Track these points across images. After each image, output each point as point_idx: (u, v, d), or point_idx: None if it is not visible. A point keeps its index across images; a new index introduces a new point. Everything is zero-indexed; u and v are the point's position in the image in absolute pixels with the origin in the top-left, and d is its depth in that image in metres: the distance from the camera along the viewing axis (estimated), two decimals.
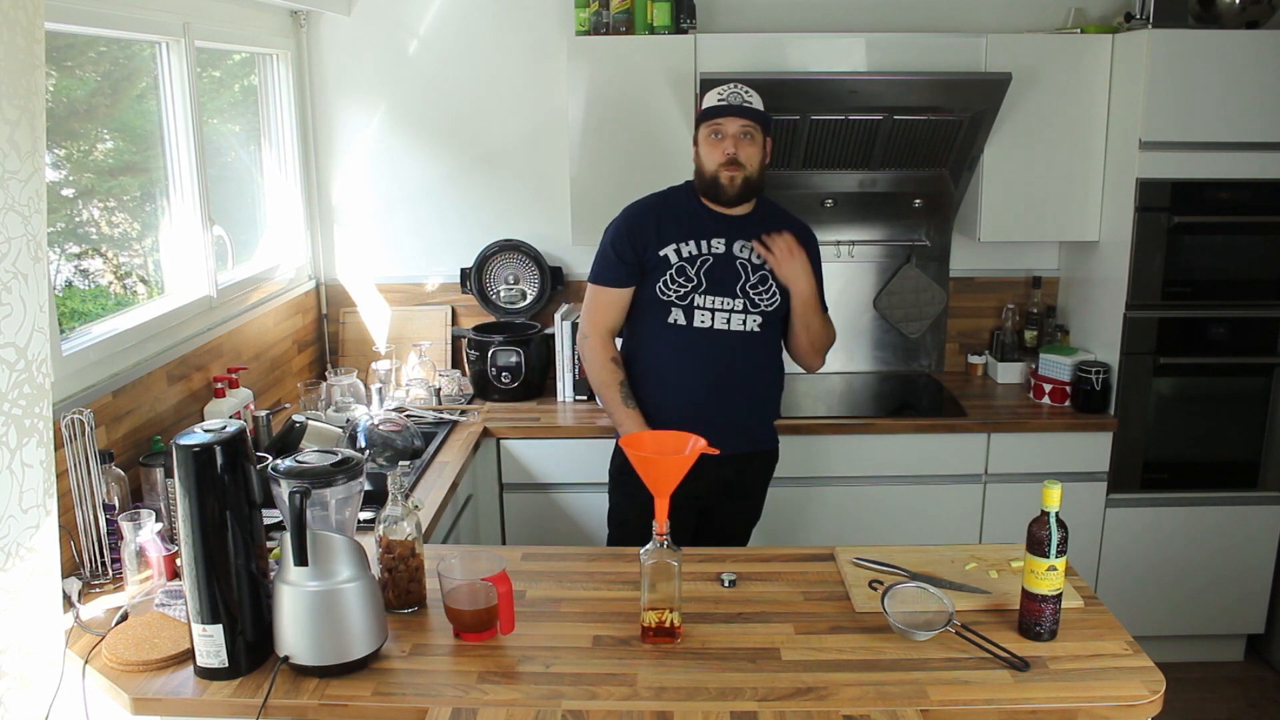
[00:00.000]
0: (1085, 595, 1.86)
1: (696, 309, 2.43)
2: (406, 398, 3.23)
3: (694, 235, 2.44)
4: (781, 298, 2.47)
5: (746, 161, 2.39)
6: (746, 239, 2.45)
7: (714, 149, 2.40)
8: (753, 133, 2.40)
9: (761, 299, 2.46)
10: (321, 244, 3.55)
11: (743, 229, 2.46)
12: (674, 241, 2.44)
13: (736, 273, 2.44)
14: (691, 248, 2.43)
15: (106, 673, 1.66)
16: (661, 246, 2.44)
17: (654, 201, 2.54)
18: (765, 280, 2.46)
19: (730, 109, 2.38)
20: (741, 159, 2.38)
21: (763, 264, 2.44)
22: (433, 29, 3.38)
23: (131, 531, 1.97)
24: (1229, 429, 3.16)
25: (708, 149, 2.42)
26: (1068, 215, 3.23)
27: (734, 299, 2.44)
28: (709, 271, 2.43)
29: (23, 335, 1.60)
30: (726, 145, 2.38)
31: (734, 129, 2.38)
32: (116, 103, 2.61)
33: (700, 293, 2.42)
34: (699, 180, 2.47)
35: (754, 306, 2.45)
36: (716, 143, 2.39)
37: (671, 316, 2.44)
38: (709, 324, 2.43)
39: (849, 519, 3.14)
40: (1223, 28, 2.95)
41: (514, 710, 1.54)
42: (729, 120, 2.38)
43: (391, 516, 1.79)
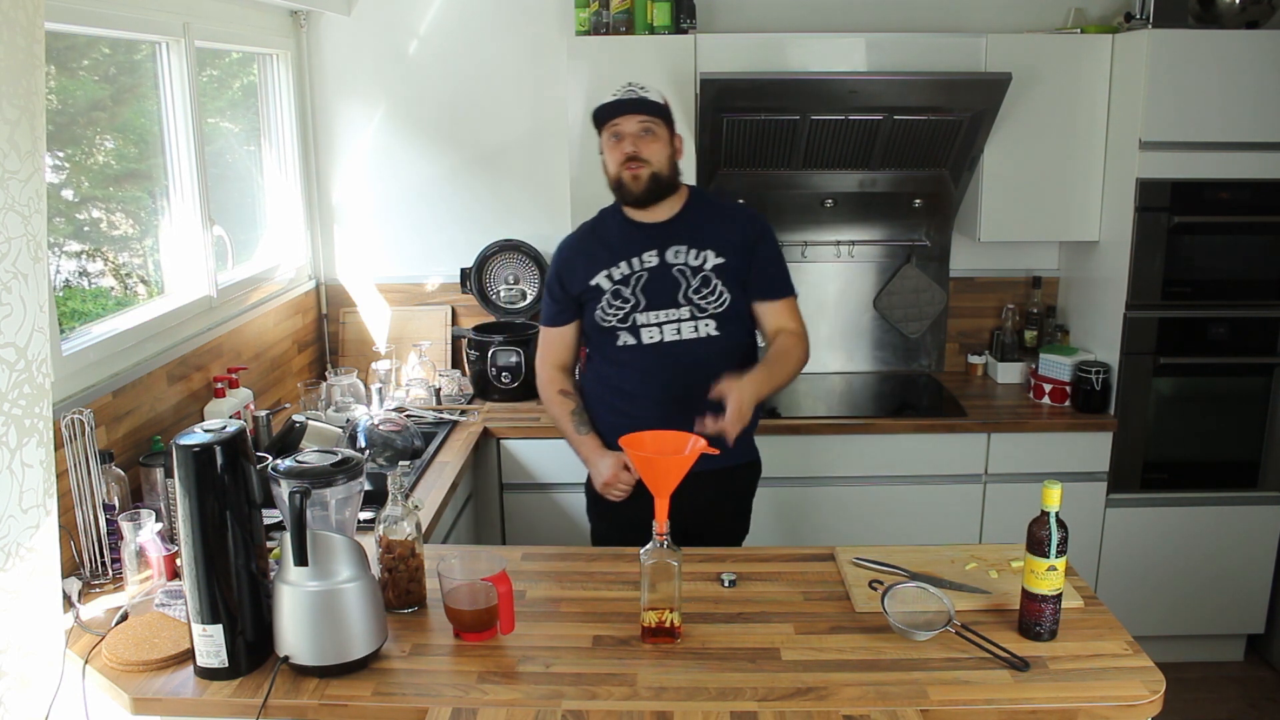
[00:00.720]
0: (1085, 595, 1.86)
1: (642, 327, 2.32)
2: (406, 398, 3.23)
3: (624, 255, 2.33)
4: (730, 295, 2.32)
5: (650, 158, 2.26)
6: (680, 243, 2.32)
7: (614, 151, 2.28)
8: (654, 128, 2.26)
9: (708, 302, 2.32)
10: (321, 244, 3.55)
11: (674, 234, 2.34)
12: (604, 268, 2.34)
13: (675, 280, 2.32)
14: (623, 268, 2.33)
15: (106, 673, 1.66)
16: (591, 276, 2.34)
17: (582, 233, 2.46)
18: (708, 282, 2.32)
19: (624, 104, 2.25)
20: (644, 155, 2.25)
21: (702, 264, 2.31)
22: (432, 29, 3.38)
23: (131, 531, 1.97)
24: (1229, 429, 3.16)
25: (609, 152, 2.30)
26: (1068, 215, 3.23)
27: (678, 308, 2.31)
28: (645, 287, 2.31)
29: (23, 335, 1.60)
30: (625, 145, 2.25)
31: (633, 127, 2.25)
32: (118, 107, 2.60)
33: (640, 310, 2.32)
34: (611, 188, 2.35)
35: (701, 311, 2.32)
36: (616, 145, 2.28)
37: (620, 339, 2.34)
38: (659, 338, 2.32)
39: (849, 519, 3.14)
40: (1223, 28, 2.95)
41: (514, 710, 1.54)
42: (626, 119, 2.25)
43: (391, 516, 1.79)
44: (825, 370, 3.60)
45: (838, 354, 3.61)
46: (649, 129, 2.26)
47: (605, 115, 2.28)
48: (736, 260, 2.33)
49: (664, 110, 2.30)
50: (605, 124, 2.29)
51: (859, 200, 3.42)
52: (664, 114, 2.29)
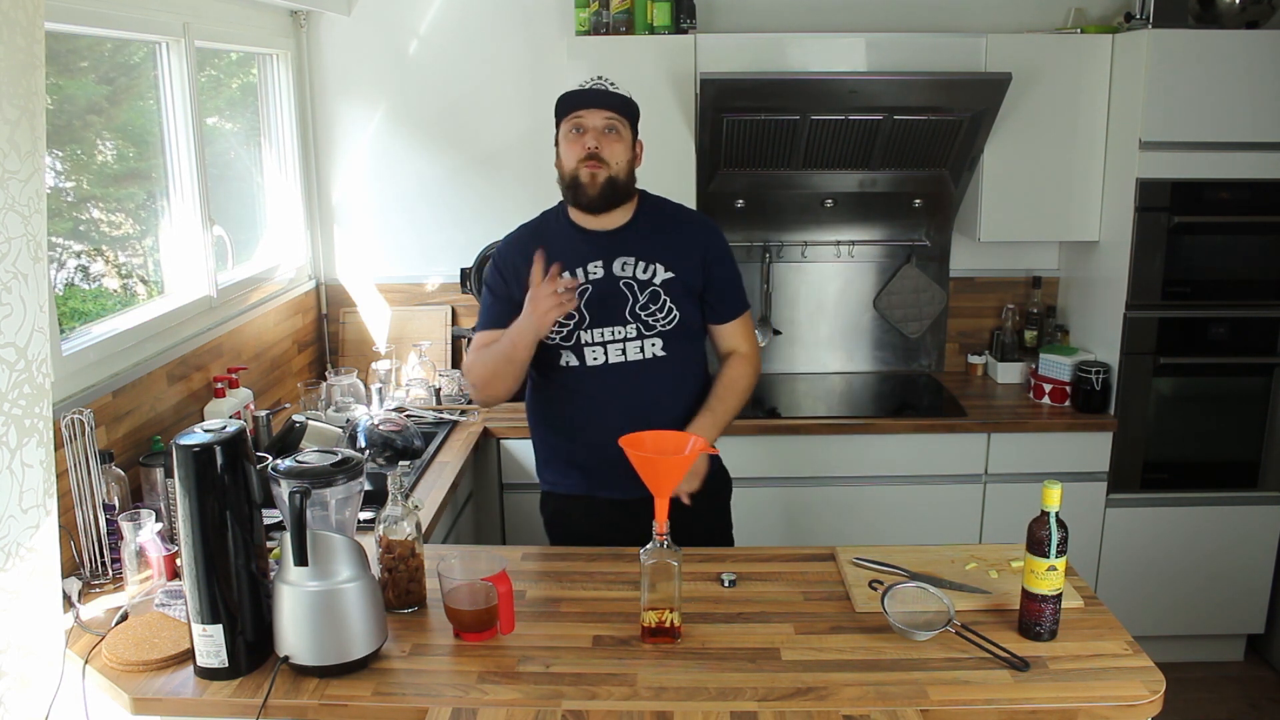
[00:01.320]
0: (1085, 595, 1.86)
1: (585, 346, 2.16)
2: (406, 398, 3.23)
3: (567, 264, 2.14)
4: (680, 312, 2.17)
5: (610, 159, 2.10)
6: (628, 255, 2.17)
7: (574, 145, 2.11)
8: (619, 128, 2.12)
9: (656, 319, 2.16)
10: (321, 244, 3.55)
11: (622, 244, 2.18)
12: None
13: (621, 295, 2.15)
14: (565, 279, 2.11)
15: (106, 673, 1.66)
16: None
17: (523, 234, 2.28)
18: (657, 297, 2.16)
19: (592, 95, 2.12)
20: (605, 155, 2.10)
21: (650, 278, 2.16)
22: (433, 29, 3.38)
23: (131, 531, 1.97)
24: (1229, 429, 3.16)
25: (566, 146, 2.13)
26: (1068, 215, 3.23)
27: (624, 325, 2.15)
28: (589, 302, 2.14)
29: (23, 335, 1.60)
30: (587, 140, 2.09)
31: (597, 122, 2.10)
32: (118, 107, 2.60)
33: (585, 328, 2.15)
34: (561, 185, 2.18)
35: (649, 329, 2.16)
36: (577, 138, 2.11)
37: (563, 360, 2.18)
38: (602, 359, 2.16)
39: (849, 519, 3.14)
40: (1223, 28, 2.95)
41: (514, 710, 1.54)
42: (591, 113, 2.10)
43: (391, 516, 1.79)
44: (825, 370, 3.60)
45: (838, 354, 3.61)
46: (614, 127, 2.12)
47: (569, 105, 2.13)
48: (688, 276, 2.19)
49: (632, 110, 2.17)
50: (567, 114, 2.14)
51: (859, 200, 3.42)
52: (631, 114, 2.17)
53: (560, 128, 2.16)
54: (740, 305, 2.29)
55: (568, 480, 2.28)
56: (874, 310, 3.57)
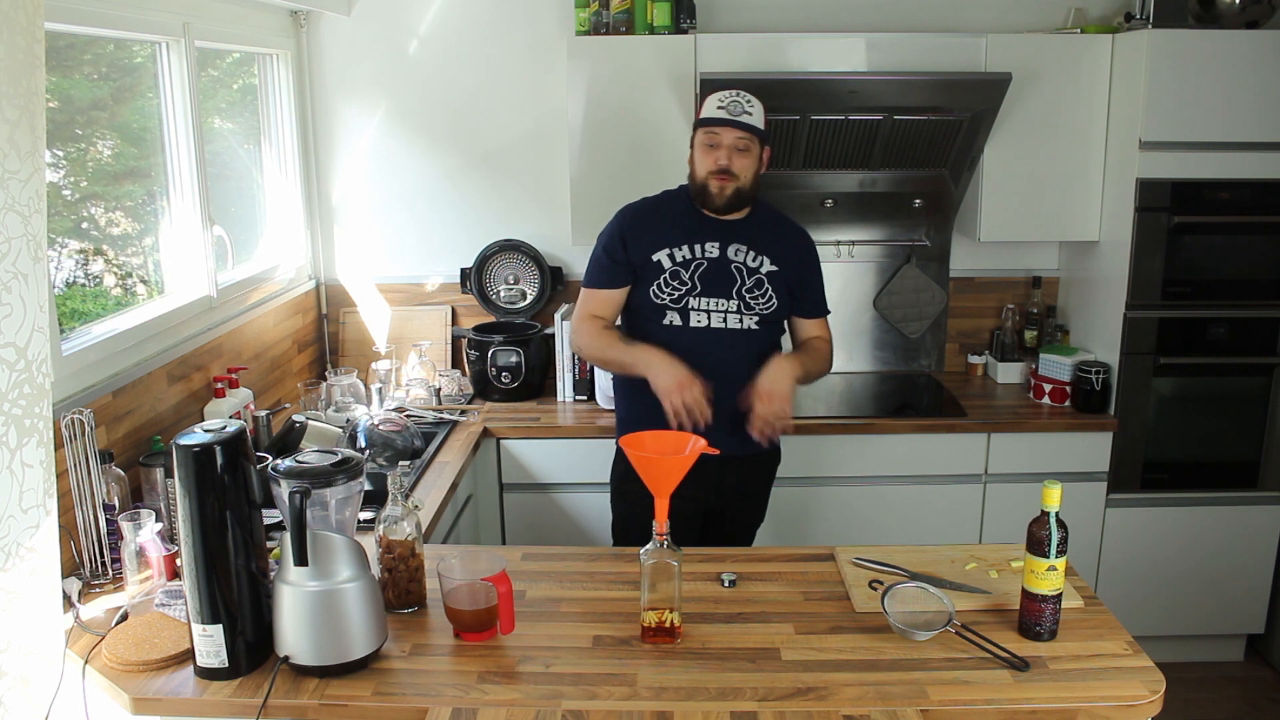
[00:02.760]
0: (1085, 595, 1.86)
1: (692, 310, 2.41)
2: (406, 398, 3.23)
3: (687, 239, 2.41)
4: (779, 302, 2.45)
5: (740, 172, 2.36)
6: (741, 243, 2.43)
7: (707, 156, 2.37)
8: (749, 145, 2.36)
9: (757, 303, 2.43)
10: (321, 244, 3.55)
11: (737, 233, 2.44)
12: (667, 246, 2.41)
13: (732, 276, 2.42)
14: (685, 252, 2.41)
15: (106, 673, 1.66)
16: (655, 251, 2.41)
17: (647, 205, 2.51)
18: (761, 285, 2.43)
19: (728, 122, 2.34)
20: (734, 169, 2.35)
21: (758, 267, 2.42)
22: (433, 29, 3.38)
23: (131, 531, 1.97)
24: (1229, 429, 3.16)
25: (701, 155, 2.39)
26: (1068, 215, 3.23)
27: (729, 300, 2.41)
28: (703, 275, 2.41)
29: (23, 335, 1.60)
30: (720, 155, 2.34)
31: (730, 139, 2.34)
32: (118, 106, 2.61)
33: (695, 295, 2.40)
34: (691, 183, 2.45)
35: (749, 309, 2.42)
36: (710, 151, 2.36)
37: (667, 319, 2.42)
38: (705, 323, 2.41)
39: (849, 519, 3.14)
40: (1222, 28, 2.95)
41: (514, 710, 1.54)
42: (726, 131, 2.34)
43: (391, 516, 1.79)
44: None
45: (838, 354, 3.57)
46: (745, 146, 2.35)
47: (707, 123, 2.36)
48: (788, 272, 2.45)
49: (763, 132, 2.38)
50: (704, 127, 2.37)
51: (859, 200, 3.42)
52: (762, 135, 2.38)
53: (696, 132, 2.41)
54: (825, 307, 2.58)
55: None
56: (874, 310, 3.57)
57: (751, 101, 2.38)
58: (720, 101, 2.36)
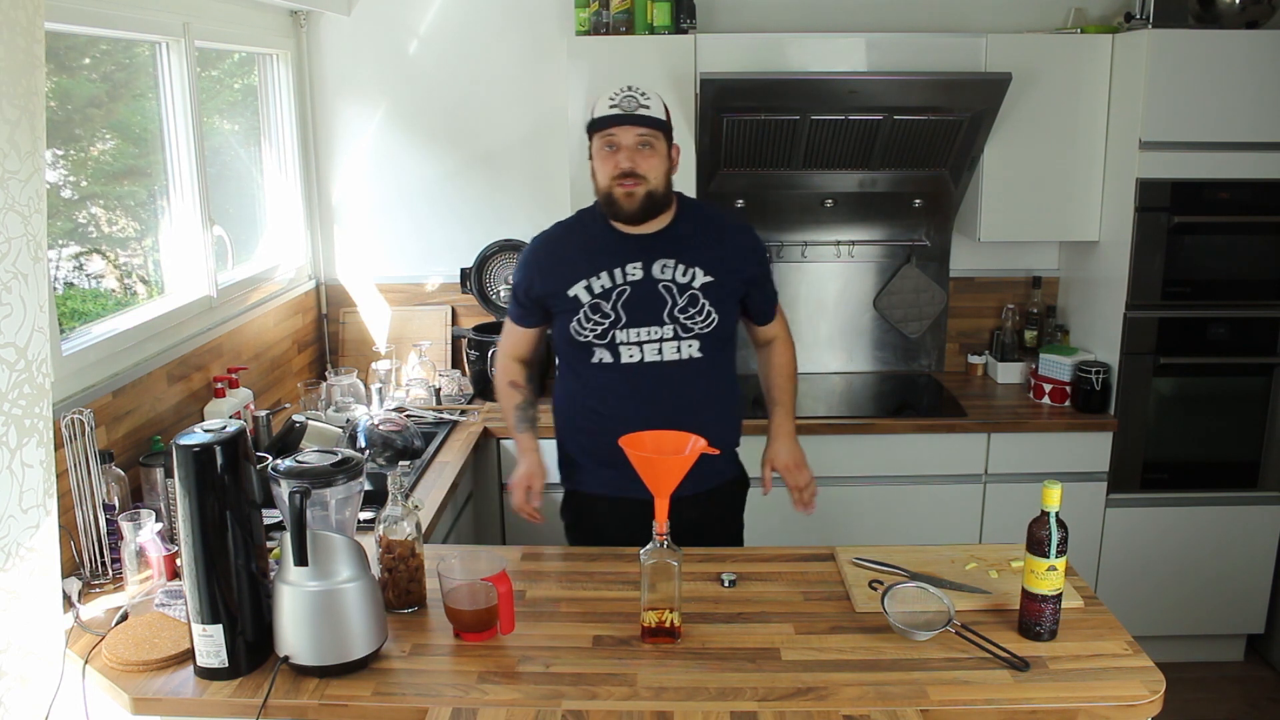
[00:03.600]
0: (1085, 595, 1.86)
1: (621, 345, 2.15)
2: (406, 398, 3.23)
3: (606, 265, 2.15)
4: (719, 316, 2.18)
5: (647, 173, 2.09)
6: (668, 257, 2.16)
7: (606, 162, 2.11)
8: (652, 141, 2.09)
9: (694, 322, 2.16)
10: (321, 244, 3.55)
11: (661, 247, 2.16)
12: (584, 277, 2.15)
13: (660, 297, 2.14)
14: (604, 280, 2.14)
15: (106, 673, 1.66)
16: (569, 285, 2.15)
17: (560, 232, 2.28)
18: (695, 301, 2.15)
19: (624, 119, 2.08)
20: (640, 171, 2.08)
21: (690, 282, 2.15)
22: (433, 29, 3.38)
23: (131, 531, 1.97)
24: (1229, 429, 3.16)
25: (600, 162, 2.12)
26: (1068, 215, 3.23)
27: (661, 326, 2.15)
28: (627, 303, 2.14)
29: (23, 335, 1.60)
30: (620, 158, 2.08)
31: (630, 139, 2.08)
32: (117, 105, 2.60)
33: (620, 327, 2.14)
34: (597, 196, 2.18)
35: (686, 331, 2.16)
36: (609, 155, 2.10)
37: (596, 356, 2.17)
38: (638, 358, 2.15)
39: (849, 519, 3.14)
40: (1222, 28, 2.95)
41: (514, 710, 1.54)
42: (623, 130, 2.08)
43: (391, 516, 1.79)
44: (825, 370, 3.60)
45: (838, 354, 3.61)
46: (647, 142, 2.09)
47: (600, 124, 2.12)
48: (728, 279, 2.19)
49: (665, 124, 2.14)
50: (599, 131, 2.12)
51: (859, 200, 3.42)
52: (665, 127, 2.13)
53: (593, 142, 2.15)
54: (775, 300, 2.37)
55: (597, 479, 2.26)
56: (874, 310, 3.57)
57: (647, 94, 2.13)
58: (611, 99, 2.11)
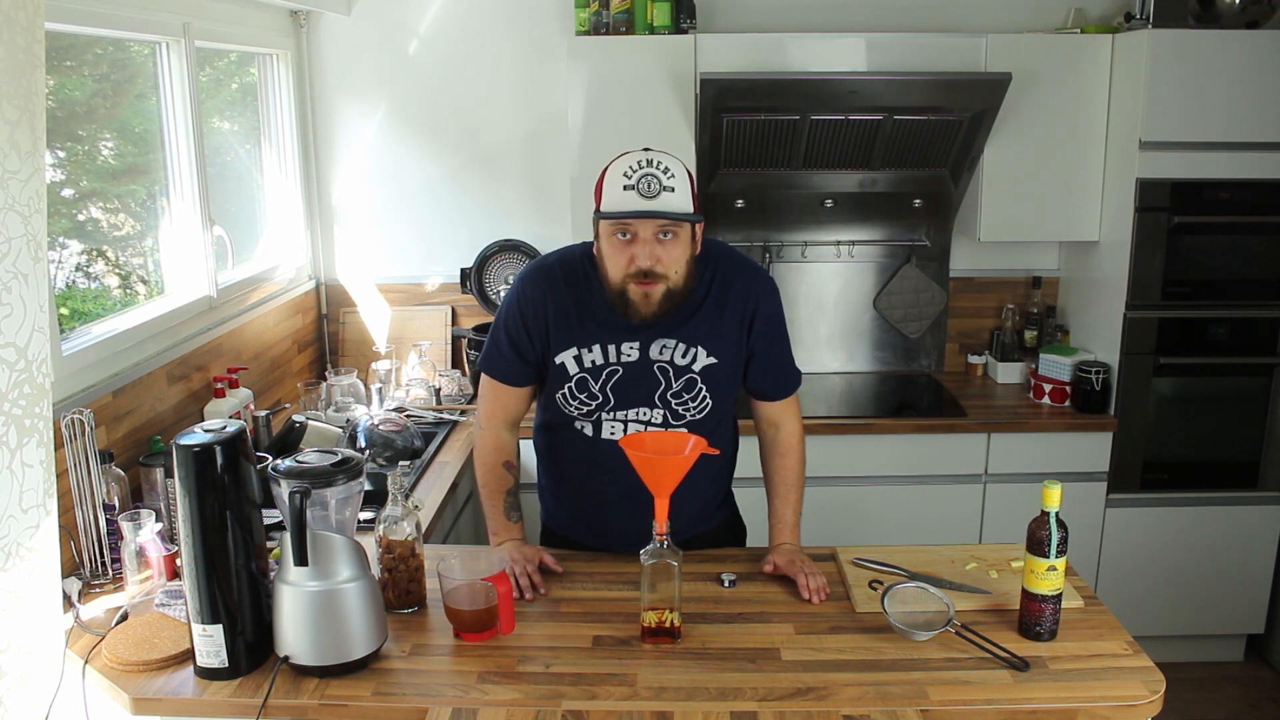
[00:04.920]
0: (1085, 595, 1.86)
1: (605, 422, 1.92)
2: (406, 398, 3.23)
3: (600, 338, 1.86)
4: (714, 401, 1.91)
5: (668, 269, 1.75)
6: (669, 337, 1.86)
7: (619, 255, 1.75)
8: (677, 230, 1.75)
9: (687, 409, 1.90)
10: (321, 244, 3.55)
11: (665, 325, 1.85)
12: (573, 345, 1.87)
13: (654, 380, 1.88)
14: (595, 355, 1.86)
15: (106, 673, 1.66)
16: (558, 350, 1.88)
17: (554, 276, 1.89)
18: (692, 385, 1.88)
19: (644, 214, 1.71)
20: (661, 269, 1.75)
21: (689, 364, 1.88)
22: (433, 29, 3.38)
23: (131, 531, 1.97)
24: (1229, 429, 3.16)
25: (611, 252, 1.76)
26: (1068, 215, 3.23)
27: (651, 409, 1.90)
28: (617, 386, 1.88)
29: (23, 335, 1.60)
30: (638, 254, 1.73)
31: (649, 231, 1.73)
32: (117, 105, 2.60)
33: (607, 410, 1.90)
34: (605, 286, 1.82)
35: (677, 418, 1.90)
36: (623, 247, 1.74)
37: (577, 424, 1.94)
38: (620, 433, 1.92)
39: (849, 519, 3.14)
40: (1223, 28, 2.95)
41: (514, 710, 1.54)
42: (643, 222, 1.73)
43: (391, 516, 1.79)
44: (825, 370, 3.60)
45: (838, 354, 3.61)
46: (670, 231, 1.74)
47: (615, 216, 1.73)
48: (731, 358, 1.91)
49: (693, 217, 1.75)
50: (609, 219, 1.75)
51: (859, 200, 3.42)
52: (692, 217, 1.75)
53: (600, 222, 1.78)
54: (794, 382, 2.00)
55: (571, 528, 2.11)
56: (874, 310, 3.57)
57: (670, 172, 1.72)
58: (627, 179, 1.71)
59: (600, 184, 1.78)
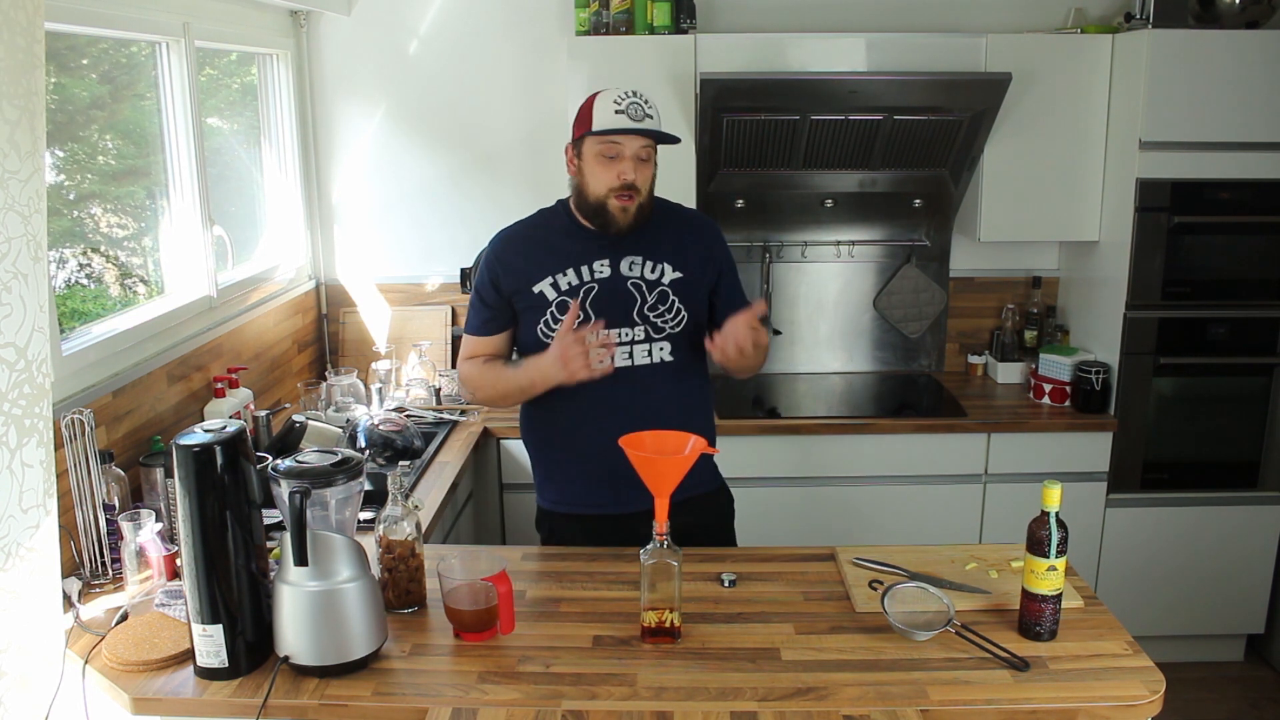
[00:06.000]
0: (1085, 595, 1.86)
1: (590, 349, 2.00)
2: (406, 398, 3.23)
3: (572, 262, 2.07)
4: (689, 314, 2.11)
5: (642, 185, 2.02)
6: (635, 254, 2.09)
7: (606, 170, 2.00)
8: (650, 153, 2.03)
9: (665, 321, 2.09)
10: (321, 244, 3.55)
11: (629, 243, 2.08)
12: (549, 274, 2.07)
13: (629, 296, 2.07)
14: (570, 277, 2.06)
15: (106, 673, 1.66)
16: (535, 281, 2.07)
17: (521, 229, 2.17)
18: (665, 298, 2.08)
19: (632, 131, 1.98)
20: (639, 184, 2.01)
21: (659, 278, 2.09)
22: (433, 29, 3.38)
23: (131, 531, 1.97)
24: (1229, 429, 3.16)
25: (598, 168, 2.01)
26: (1068, 215, 3.23)
27: (632, 327, 2.07)
28: (595, 302, 2.06)
29: (23, 335, 1.60)
30: (624, 169, 1.99)
31: (634, 149, 1.99)
32: (118, 105, 2.60)
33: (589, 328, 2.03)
34: (579, 201, 2.08)
35: (658, 332, 2.08)
36: (609, 164, 1.99)
37: None
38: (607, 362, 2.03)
39: (849, 519, 3.14)
40: (1223, 28, 2.95)
41: (514, 710, 1.54)
42: (630, 140, 1.98)
43: (391, 516, 1.79)
44: (825, 370, 3.60)
45: (838, 354, 3.61)
46: (648, 155, 2.03)
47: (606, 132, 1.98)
48: (696, 274, 2.12)
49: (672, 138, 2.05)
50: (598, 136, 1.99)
51: (859, 200, 3.42)
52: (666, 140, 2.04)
53: (585, 143, 2.02)
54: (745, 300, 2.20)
55: (567, 496, 2.20)
56: (874, 310, 3.57)
57: (650, 102, 2.03)
58: (617, 104, 1.99)
59: (587, 112, 2.01)
